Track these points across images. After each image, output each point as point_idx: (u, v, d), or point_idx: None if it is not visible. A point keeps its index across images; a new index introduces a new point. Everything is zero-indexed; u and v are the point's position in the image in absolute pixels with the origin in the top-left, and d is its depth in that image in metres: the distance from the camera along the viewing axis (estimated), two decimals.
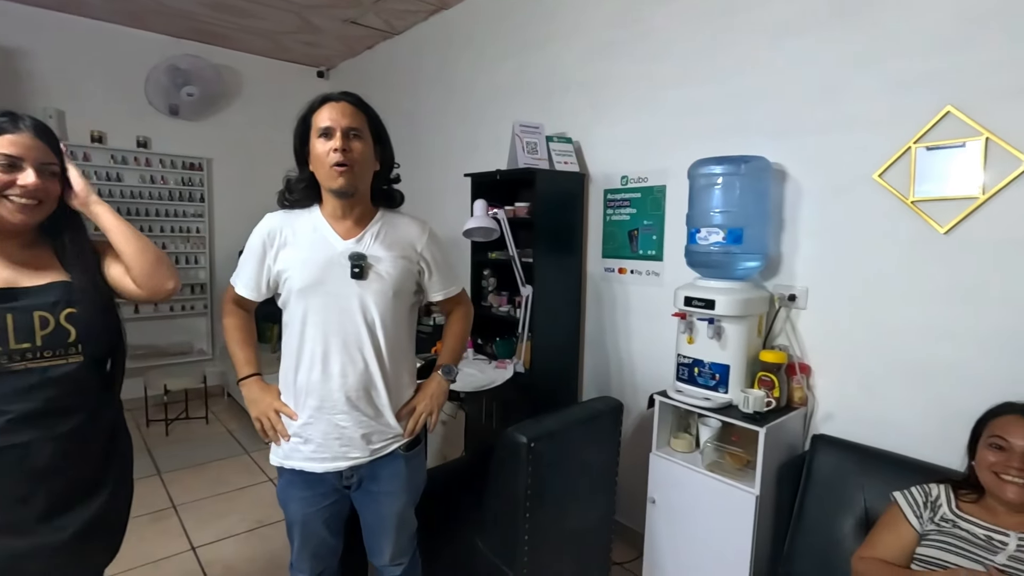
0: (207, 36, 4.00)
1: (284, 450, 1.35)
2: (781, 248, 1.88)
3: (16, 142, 1.02)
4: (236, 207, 4.32)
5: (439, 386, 1.45)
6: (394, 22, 3.65)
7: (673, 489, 1.85)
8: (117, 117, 3.81)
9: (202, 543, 2.37)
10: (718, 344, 1.79)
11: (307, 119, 1.28)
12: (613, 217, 2.44)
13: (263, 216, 1.36)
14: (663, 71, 2.23)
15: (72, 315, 1.08)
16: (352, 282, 1.28)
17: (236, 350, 1.41)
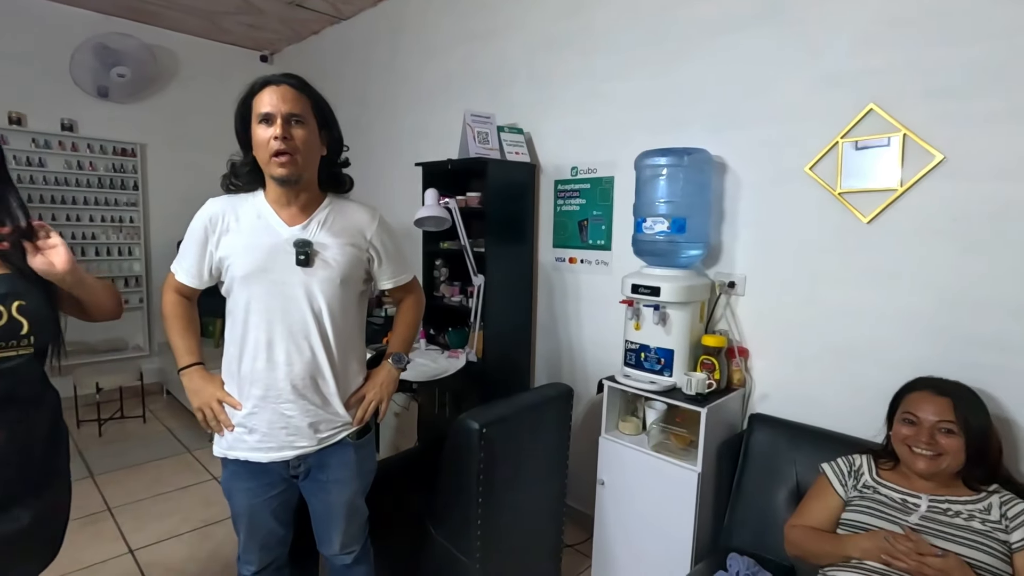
0: (137, 14, 3.78)
1: (228, 440, 1.32)
2: (722, 237, 1.96)
3: None
4: (173, 195, 4.11)
5: (389, 374, 1.44)
6: (341, 7, 3.56)
7: (621, 471, 1.92)
8: (39, 98, 3.55)
9: (141, 545, 2.27)
10: (663, 330, 1.86)
11: (247, 102, 1.24)
12: (563, 207, 2.48)
13: (201, 204, 1.32)
14: (607, 64, 2.28)
15: (22, 307, 1.05)
16: (298, 269, 1.26)
17: (176, 339, 1.36)
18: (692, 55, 2.01)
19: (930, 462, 1.28)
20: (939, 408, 1.30)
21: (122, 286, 3.95)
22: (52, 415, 1.16)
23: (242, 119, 1.26)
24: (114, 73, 3.70)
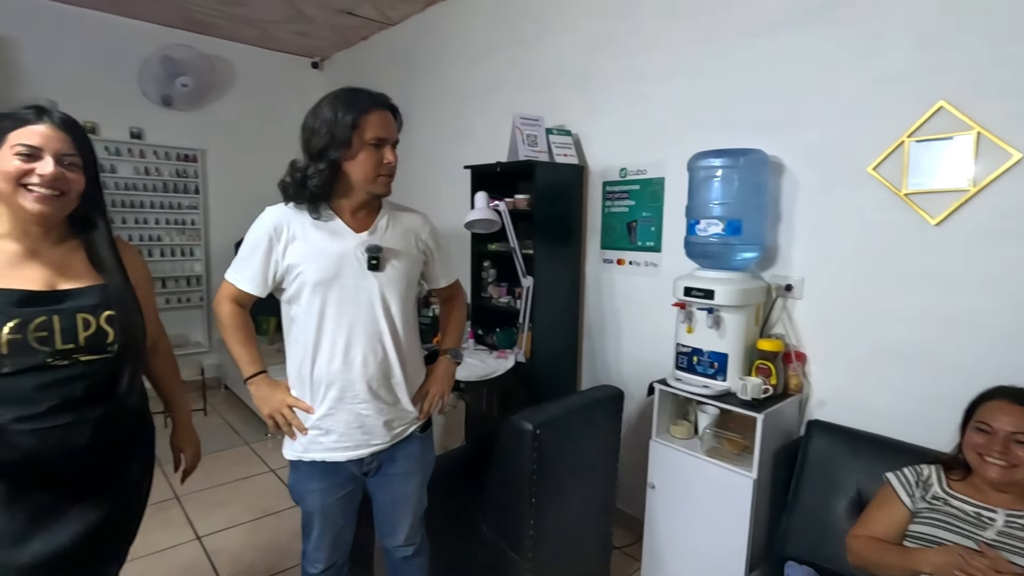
0: (197, 25, 3.96)
1: (302, 443, 1.36)
2: (778, 239, 1.92)
3: (37, 132, 1.04)
4: (230, 198, 4.30)
5: (448, 368, 1.50)
6: (389, 13, 3.64)
7: (672, 474, 1.90)
8: (110, 108, 3.76)
9: (207, 532, 2.40)
10: (717, 333, 1.84)
11: (356, 121, 1.24)
12: (612, 209, 2.47)
13: (257, 206, 1.37)
14: (656, 64, 2.26)
15: (110, 317, 1.12)
16: (369, 274, 1.31)
17: (238, 349, 1.39)
18: (745, 53, 1.98)
19: (1003, 472, 1.23)
20: (1016, 419, 1.24)
21: (184, 285, 4.15)
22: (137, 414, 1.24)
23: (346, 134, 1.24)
24: (178, 83, 3.89)
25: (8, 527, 1.05)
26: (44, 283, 1.08)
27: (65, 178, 1.06)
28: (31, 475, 1.07)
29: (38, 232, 1.10)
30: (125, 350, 1.16)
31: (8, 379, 1.03)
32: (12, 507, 1.06)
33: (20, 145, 1.02)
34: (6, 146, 1.03)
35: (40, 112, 1.06)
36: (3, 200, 1.05)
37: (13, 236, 1.08)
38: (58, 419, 1.07)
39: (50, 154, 1.04)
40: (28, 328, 1.03)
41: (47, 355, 1.05)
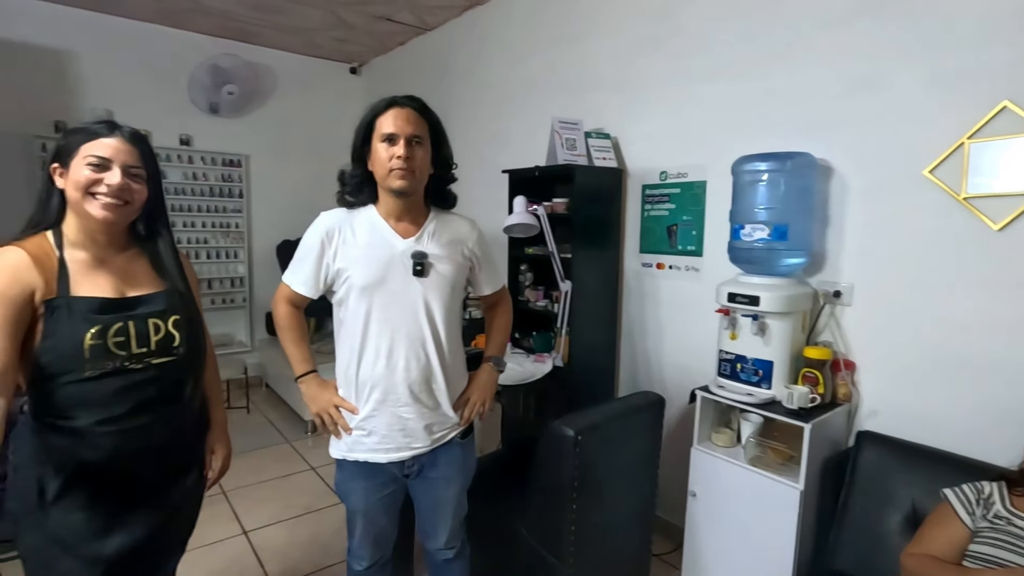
0: (243, 34, 4.09)
1: (347, 443, 1.40)
2: (826, 244, 1.87)
3: (107, 145, 1.09)
4: (272, 202, 4.42)
5: (490, 377, 1.50)
6: (427, 18, 3.68)
7: (714, 483, 1.87)
8: (161, 116, 3.92)
9: (252, 528, 2.47)
10: (762, 340, 1.80)
11: (372, 122, 1.31)
12: (651, 212, 2.45)
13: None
14: (699, 66, 2.22)
15: (177, 321, 1.18)
16: (414, 279, 1.33)
17: (291, 348, 1.44)
18: (792, 53, 1.93)
19: None
20: None
21: (228, 286, 4.29)
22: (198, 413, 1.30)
23: (364, 135, 1.33)
24: (224, 91, 4.02)
25: (93, 522, 1.11)
26: (114, 290, 1.13)
27: (130, 188, 1.11)
28: (112, 474, 1.13)
29: (104, 240, 1.15)
30: (190, 353, 1.21)
31: (90, 383, 1.08)
32: (96, 503, 1.12)
33: (91, 156, 1.08)
34: (79, 157, 1.08)
35: (112, 127, 1.12)
36: (74, 209, 1.11)
37: (82, 244, 1.13)
38: (135, 421, 1.12)
39: (118, 165, 1.09)
40: (108, 334, 1.08)
41: (124, 359, 1.10)
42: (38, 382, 1.08)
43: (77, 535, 1.10)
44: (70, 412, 1.09)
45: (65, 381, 1.07)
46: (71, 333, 1.06)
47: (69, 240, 1.12)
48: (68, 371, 1.07)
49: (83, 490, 1.11)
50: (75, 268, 1.11)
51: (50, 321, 1.06)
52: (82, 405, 1.09)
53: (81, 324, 1.06)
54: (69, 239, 1.12)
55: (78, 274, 1.11)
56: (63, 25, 3.57)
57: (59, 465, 1.09)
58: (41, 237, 1.12)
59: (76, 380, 1.07)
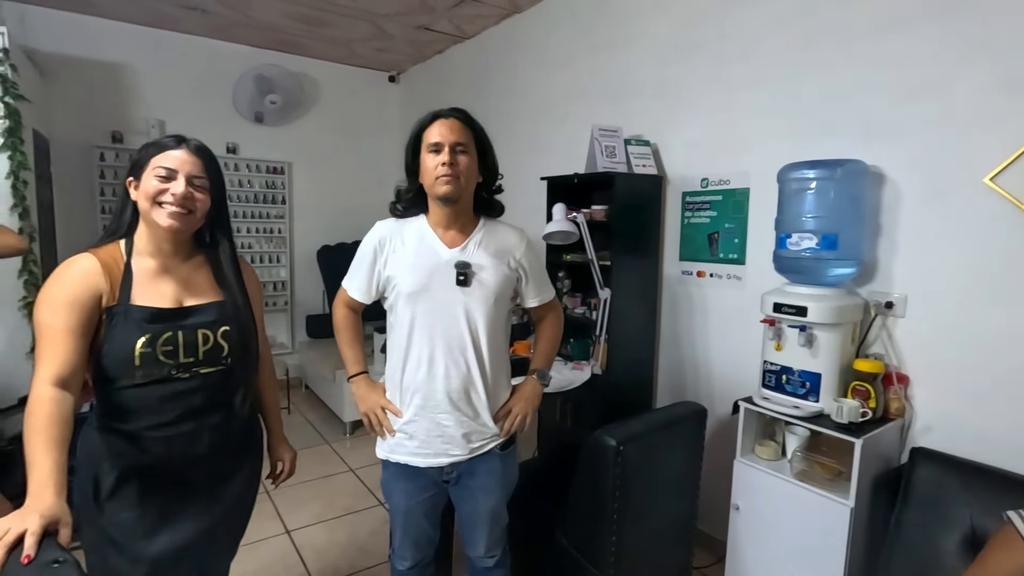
0: (287, 46, 4.21)
1: (390, 444, 1.43)
2: (877, 254, 1.82)
3: (174, 157, 1.15)
4: (311, 207, 4.54)
5: (533, 389, 1.50)
6: (465, 27, 3.73)
7: (758, 496, 1.84)
8: (209, 125, 4.05)
9: (295, 527, 2.54)
10: (809, 352, 1.76)
11: (419, 135, 1.35)
12: (692, 220, 2.42)
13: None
14: (744, 72, 2.19)
15: (226, 332, 1.21)
16: (457, 289, 1.35)
17: (346, 350, 1.50)
18: (842, 58, 1.89)
19: None
20: None
21: (270, 290, 4.41)
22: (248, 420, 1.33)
23: (413, 150, 1.37)
24: (267, 100, 4.15)
25: (141, 522, 1.16)
26: (173, 300, 1.17)
27: (193, 197, 1.16)
28: (160, 477, 1.17)
29: (169, 249, 1.20)
30: (238, 363, 1.24)
31: (140, 389, 1.13)
32: (144, 505, 1.16)
33: (160, 168, 1.13)
34: (149, 169, 1.14)
35: (179, 140, 1.17)
36: (144, 218, 1.16)
37: (149, 253, 1.18)
38: (182, 427, 1.16)
39: (183, 175, 1.14)
40: (157, 343, 1.12)
41: (172, 367, 1.14)
42: (99, 384, 1.14)
43: (126, 533, 1.15)
44: (124, 415, 1.14)
45: (120, 386, 1.12)
46: (125, 340, 1.11)
47: (138, 249, 1.17)
48: (122, 376, 1.12)
49: (134, 490, 1.16)
50: (140, 276, 1.16)
51: (110, 327, 1.11)
52: (134, 410, 1.14)
53: (134, 332, 1.11)
54: (138, 248, 1.18)
55: (142, 282, 1.15)
56: (122, 41, 3.74)
57: (113, 464, 1.14)
58: (114, 245, 1.18)
59: (129, 385, 1.12)
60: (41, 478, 0.91)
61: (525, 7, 3.34)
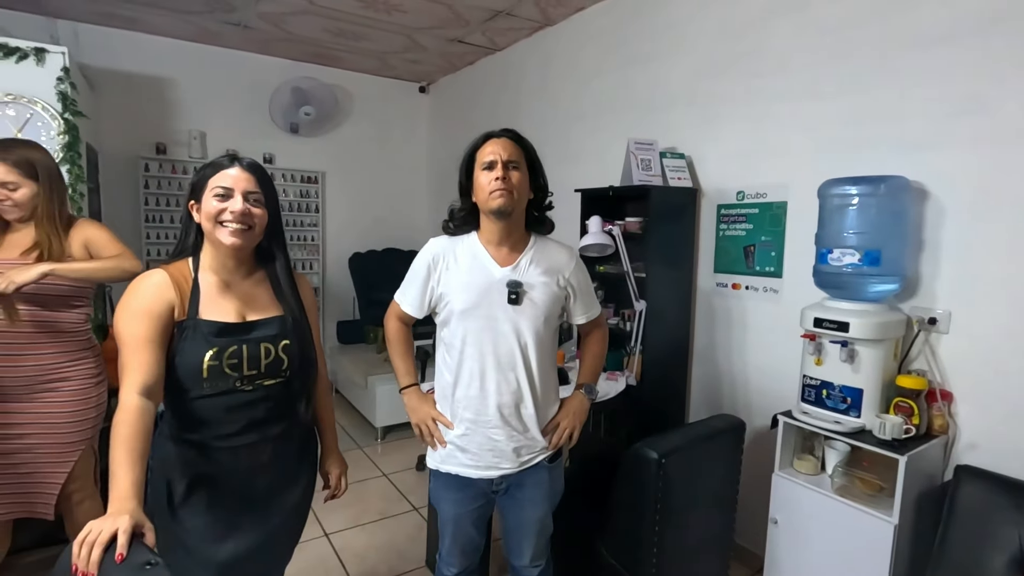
0: (323, 58, 4.32)
1: (441, 455, 1.47)
2: (920, 269, 1.82)
3: (230, 175, 1.19)
4: (344, 216, 4.64)
5: (581, 404, 1.53)
6: (497, 39, 3.79)
7: (797, 511, 1.84)
8: (247, 136, 4.18)
9: (333, 530, 2.60)
10: (850, 367, 1.76)
11: (472, 155, 1.40)
12: (727, 232, 2.43)
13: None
14: (782, 85, 2.20)
15: (287, 346, 1.25)
16: (508, 307, 1.38)
17: (398, 361, 1.55)
18: (886, 71, 1.89)
19: None
20: None
21: None
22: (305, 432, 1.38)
23: (466, 170, 1.42)
24: (302, 112, 4.27)
25: (211, 528, 1.21)
26: (236, 314, 1.22)
27: (251, 213, 1.20)
28: (225, 487, 1.22)
29: (232, 265, 1.25)
30: (297, 375, 1.29)
31: (207, 400, 1.18)
32: (212, 512, 1.22)
33: (218, 187, 1.18)
34: (208, 190, 1.19)
35: (232, 159, 1.22)
36: (208, 238, 1.22)
37: (214, 270, 1.24)
38: (246, 438, 1.21)
39: (239, 192, 1.19)
40: (223, 356, 1.17)
41: (236, 379, 1.19)
42: (170, 395, 1.19)
43: (197, 539, 1.20)
44: (194, 426, 1.19)
45: (189, 397, 1.17)
46: (194, 353, 1.16)
47: (204, 266, 1.23)
48: (191, 388, 1.17)
49: (203, 499, 1.21)
50: (206, 291, 1.21)
51: (180, 340, 1.16)
52: (202, 420, 1.19)
53: (202, 345, 1.16)
54: (204, 265, 1.23)
55: (208, 297, 1.21)
56: (167, 56, 3.88)
57: (184, 473, 1.20)
58: (183, 263, 1.24)
59: (197, 397, 1.17)
60: (124, 489, 0.95)
61: (558, 20, 3.39)
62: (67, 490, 1.79)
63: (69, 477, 1.77)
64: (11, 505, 1.74)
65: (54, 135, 2.50)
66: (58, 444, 1.73)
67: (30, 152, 1.70)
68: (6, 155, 1.63)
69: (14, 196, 1.65)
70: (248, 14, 3.45)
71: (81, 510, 1.83)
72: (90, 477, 1.86)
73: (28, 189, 1.66)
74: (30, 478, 1.73)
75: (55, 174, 1.73)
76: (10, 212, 1.67)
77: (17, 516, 1.76)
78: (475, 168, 1.39)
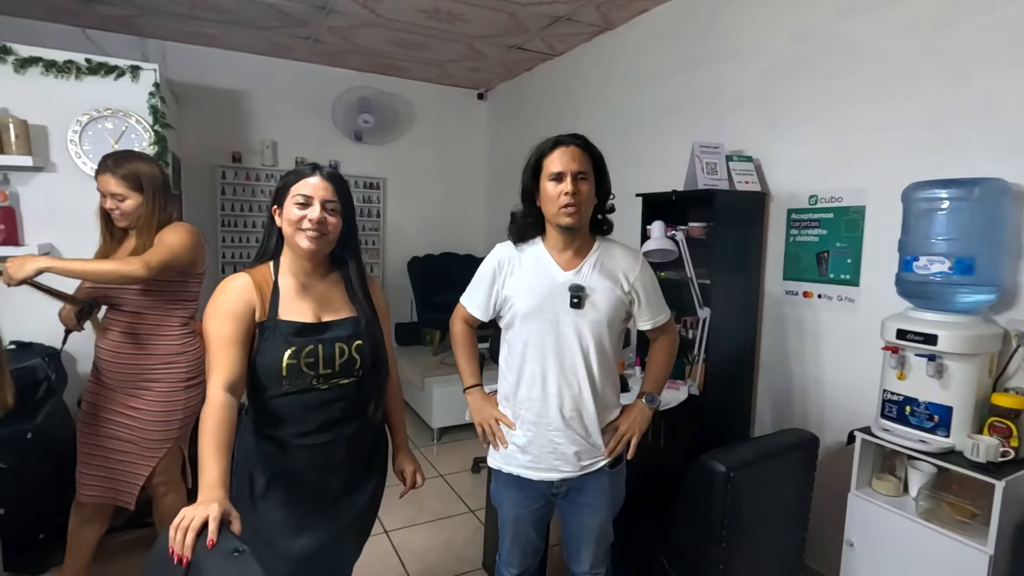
0: (387, 68, 4.45)
1: (503, 455, 1.48)
2: (1020, 279, 1.68)
3: (310, 184, 1.24)
4: (403, 221, 4.76)
5: (642, 412, 1.50)
6: (556, 45, 3.79)
7: (876, 534, 1.73)
8: (315, 144, 4.37)
9: (392, 528, 2.65)
10: (938, 383, 1.64)
11: (539, 162, 1.39)
12: (798, 238, 2.33)
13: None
14: (861, 84, 2.09)
15: (360, 346, 1.29)
16: (571, 311, 1.38)
17: (463, 362, 1.58)
18: (979, 69, 1.76)
19: None
20: None
21: None
22: (377, 431, 1.41)
23: (532, 175, 1.41)
24: (361, 119, 4.41)
25: (288, 522, 1.27)
26: (312, 315, 1.27)
27: (327, 221, 1.25)
28: (301, 484, 1.27)
29: (308, 268, 1.30)
30: (369, 374, 1.32)
31: (286, 398, 1.23)
32: (289, 507, 1.27)
33: (299, 195, 1.23)
34: (289, 197, 1.24)
35: (314, 168, 1.28)
36: (288, 242, 1.28)
37: (292, 273, 1.29)
38: (321, 436, 1.26)
39: (318, 201, 1.23)
40: (301, 355, 1.22)
41: (312, 378, 1.23)
42: (252, 393, 1.25)
43: (275, 531, 1.26)
44: (274, 423, 1.24)
45: (270, 395, 1.23)
46: (274, 352, 1.21)
47: (283, 269, 1.29)
48: (271, 386, 1.22)
49: (281, 493, 1.26)
50: (285, 293, 1.27)
51: (262, 340, 1.22)
52: (281, 418, 1.24)
53: (281, 345, 1.21)
54: (283, 268, 1.29)
55: (287, 299, 1.26)
56: (242, 69, 4.11)
57: (265, 467, 1.25)
58: (264, 266, 1.30)
59: (277, 395, 1.22)
60: (213, 479, 1.00)
61: (618, 23, 3.36)
62: (153, 482, 1.90)
63: (154, 471, 1.87)
64: (98, 489, 1.85)
65: (145, 146, 2.69)
66: (145, 441, 1.84)
67: (139, 165, 1.81)
68: (117, 168, 1.76)
69: (122, 206, 1.78)
70: (319, 28, 3.60)
71: (165, 501, 1.95)
72: (176, 472, 1.97)
73: (133, 201, 1.78)
74: (119, 466, 1.85)
75: (159, 185, 1.84)
76: (120, 220, 1.81)
77: (102, 501, 1.88)
78: (542, 175, 1.39)
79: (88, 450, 1.84)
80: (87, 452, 1.85)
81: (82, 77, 2.58)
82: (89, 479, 1.85)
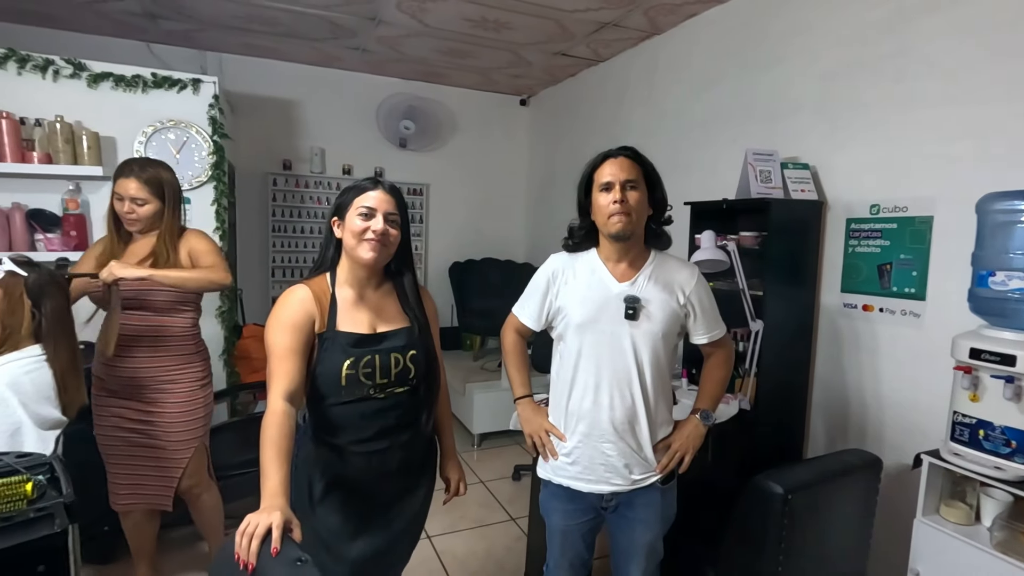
0: (431, 76, 4.51)
1: (552, 466, 1.47)
2: None
3: (373, 197, 1.27)
4: (445, 227, 4.81)
5: (696, 429, 1.47)
6: (601, 51, 3.76)
7: (945, 564, 1.63)
8: (361, 151, 4.46)
9: (434, 533, 2.67)
10: (1016, 407, 1.54)
11: (591, 175, 1.39)
12: (858, 248, 2.23)
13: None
14: (928, 89, 1.99)
15: (414, 356, 1.32)
16: (625, 322, 1.36)
17: (514, 372, 1.58)
18: None
19: None
20: None
21: None
22: (428, 439, 1.43)
23: (585, 189, 1.41)
24: (402, 125, 4.48)
25: (345, 526, 1.29)
26: (368, 326, 1.30)
27: (388, 232, 1.27)
28: (357, 490, 1.30)
29: (365, 278, 1.33)
30: (422, 383, 1.34)
31: (344, 407, 1.26)
32: (347, 511, 1.30)
33: (362, 207, 1.26)
34: (352, 209, 1.27)
35: (375, 182, 1.30)
36: (348, 253, 1.30)
37: (349, 283, 1.32)
38: (378, 444, 1.29)
39: (380, 213, 1.26)
40: (359, 365, 1.25)
41: (370, 387, 1.26)
42: (312, 402, 1.29)
43: (333, 535, 1.28)
44: (333, 430, 1.27)
45: (329, 403, 1.26)
46: (333, 362, 1.24)
47: (340, 280, 1.32)
48: (330, 395, 1.25)
49: (338, 498, 1.29)
50: (342, 304, 1.30)
51: (321, 350, 1.25)
52: (340, 426, 1.27)
53: (340, 355, 1.24)
54: (340, 279, 1.32)
55: (344, 310, 1.29)
56: (293, 79, 4.23)
57: (324, 472, 1.28)
58: (321, 278, 1.33)
59: (336, 403, 1.25)
60: (274, 487, 1.03)
61: (665, 28, 3.31)
62: (184, 486, 1.93)
63: (184, 473, 1.91)
64: (133, 498, 1.91)
65: (204, 155, 2.80)
66: (172, 444, 1.88)
67: (161, 172, 1.87)
68: (141, 173, 1.82)
69: (140, 211, 1.81)
70: (368, 38, 3.68)
71: (200, 502, 2.00)
72: (204, 472, 2.01)
73: (153, 206, 1.83)
74: (150, 472, 1.89)
75: (176, 192, 1.91)
76: (133, 225, 1.85)
77: (140, 507, 1.92)
78: (593, 188, 1.38)
79: (115, 462, 1.89)
80: (115, 464, 1.89)
81: (148, 90, 2.71)
82: (122, 489, 1.90)
